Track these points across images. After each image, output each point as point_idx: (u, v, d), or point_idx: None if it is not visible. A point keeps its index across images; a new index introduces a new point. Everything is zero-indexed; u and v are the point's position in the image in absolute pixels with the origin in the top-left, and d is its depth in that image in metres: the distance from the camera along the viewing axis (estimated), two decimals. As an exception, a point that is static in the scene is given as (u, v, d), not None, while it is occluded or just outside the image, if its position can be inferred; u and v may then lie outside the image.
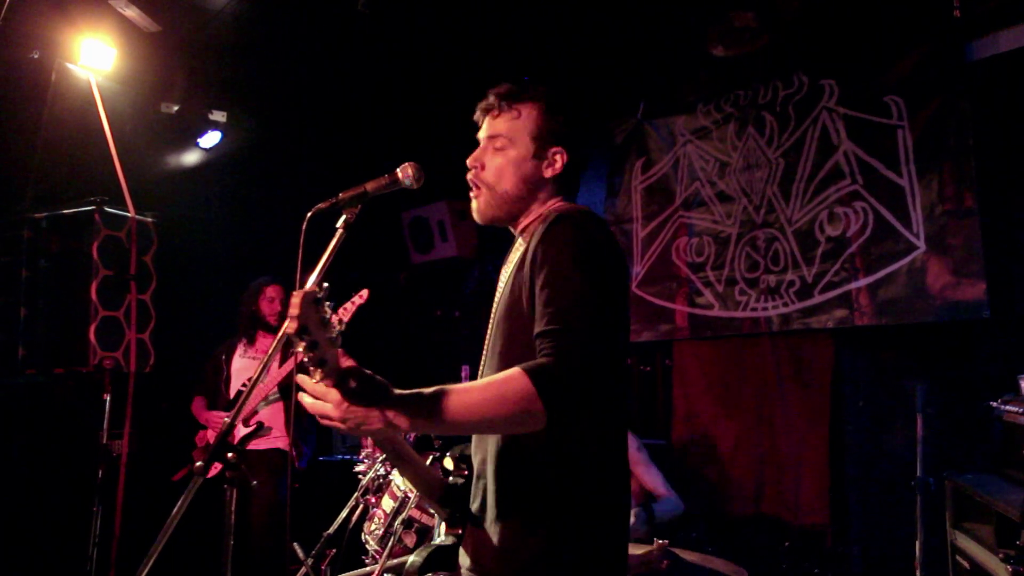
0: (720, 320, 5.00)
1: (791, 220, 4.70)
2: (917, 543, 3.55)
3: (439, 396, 1.62)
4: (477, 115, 2.10)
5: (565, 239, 1.80)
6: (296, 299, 1.46)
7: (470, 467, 2.04)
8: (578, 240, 1.80)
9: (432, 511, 3.52)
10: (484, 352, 2.02)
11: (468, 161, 2.06)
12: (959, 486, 3.22)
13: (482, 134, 2.07)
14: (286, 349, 4.55)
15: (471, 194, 2.08)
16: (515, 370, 1.64)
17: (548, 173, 2.02)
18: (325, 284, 1.60)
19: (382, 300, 4.90)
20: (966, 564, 3.06)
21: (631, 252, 5.47)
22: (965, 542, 3.10)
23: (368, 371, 1.60)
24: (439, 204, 6.31)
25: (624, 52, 5.18)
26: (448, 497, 2.02)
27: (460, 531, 1.96)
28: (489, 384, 1.66)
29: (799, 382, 4.69)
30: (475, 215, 2.08)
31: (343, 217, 1.96)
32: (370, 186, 1.98)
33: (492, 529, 1.87)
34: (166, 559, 2.00)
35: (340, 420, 1.58)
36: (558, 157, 2.02)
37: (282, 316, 4.91)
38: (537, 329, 1.74)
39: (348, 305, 4.49)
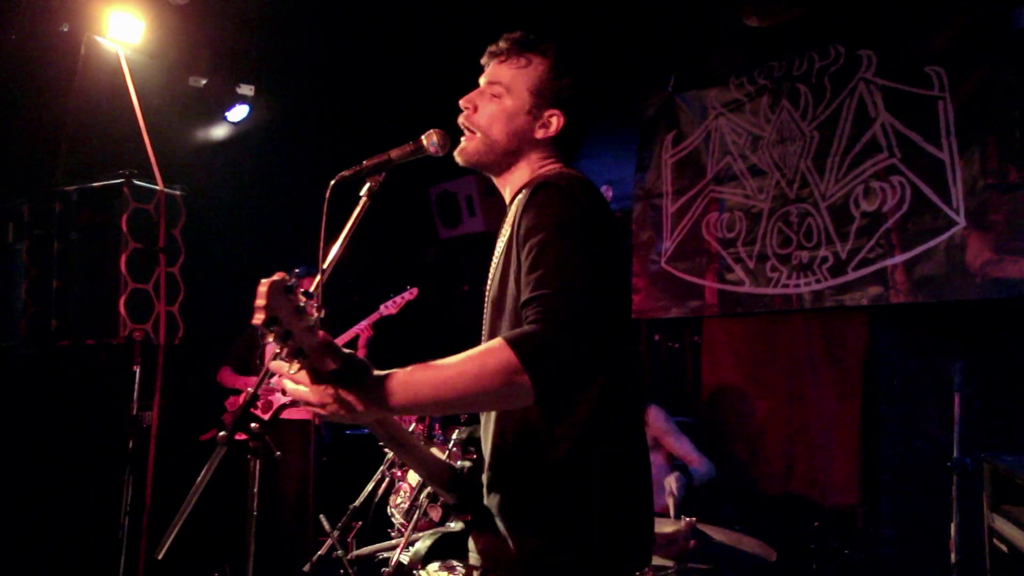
0: (751, 297, 4.92)
1: (825, 195, 4.60)
2: (952, 525, 3.48)
3: (419, 373, 1.52)
4: (484, 58, 2.02)
5: (547, 204, 1.71)
6: (263, 288, 1.39)
7: (479, 450, 1.96)
8: (561, 204, 1.71)
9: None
10: (483, 333, 1.95)
11: (460, 101, 1.98)
12: (998, 468, 3.13)
13: (483, 78, 2.00)
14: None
15: (462, 137, 1.99)
16: (496, 341, 1.53)
17: (540, 134, 1.94)
18: (296, 270, 1.54)
19: (409, 275, 4.91)
20: (1004, 548, 2.99)
21: (660, 227, 5.40)
22: (1004, 525, 3.02)
23: (348, 352, 1.51)
24: (467, 179, 6.27)
25: (655, 23, 5.07)
26: (455, 482, 1.94)
27: (469, 517, 1.90)
28: (468, 357, 1.53)
29: (831, 360, 4.61)
30: (458, 155, 1.99)
31: (367, 185, 1.92)
32: (394, 153, 1.94)
33: (501, 516, 1.80)
34: (195, 529, 2.00)
35: (319, 404, 1.51)
36: (553, 120, 1.93)
37: None
38: (523, 298, 1.64)
39: (398, 299, 4.54)
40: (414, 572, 3.17)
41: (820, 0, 4.55)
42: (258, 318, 1.39)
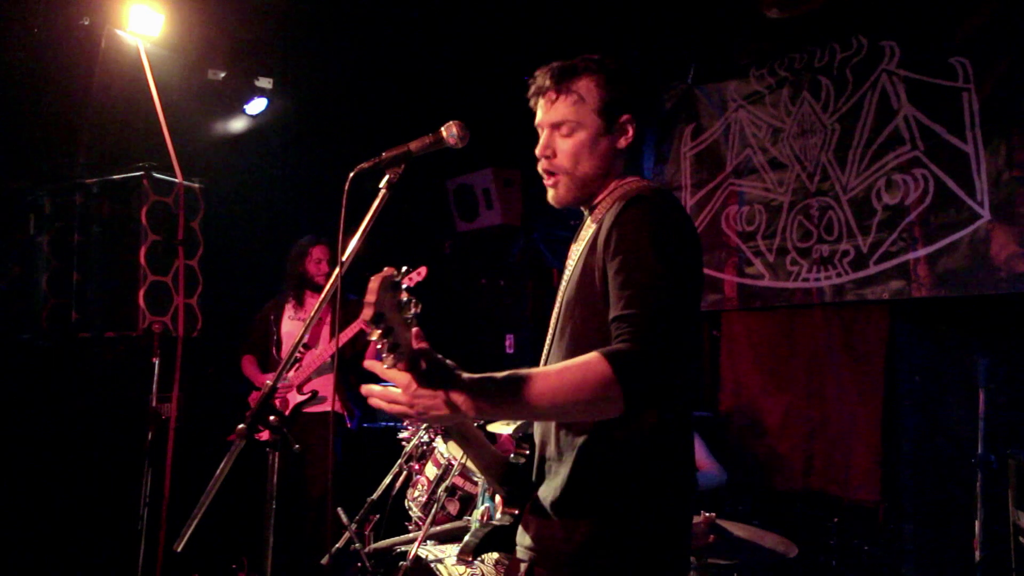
0: (770, 290, 4.89)
1: (846, 188, 4.55)
2: (977, 522, 3.44)
3: (515, 381, 1.56)
4: (532, 100, 1.99)
5: (641, 220, 1.73)
6: (373, 284, 1.42)
7: (532, 446, 1.98)
8: (654, 221, 1.73)
9: (477, 480, 3.51)
10: (549, 335, 1.96)
11: (537, 152, 1.96)
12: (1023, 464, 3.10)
13: (541, 119, 1.96)
14: (336, 313, 4.57)
15: (546, 182, 1.98)
16: (593, 355, 1.57)
17: (622, 144, 1.93)
18: (404, 267, 1.54)
19: (427, 268, 4.89)
20: (1028, 545, 2.96)
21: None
22: (1028, 522, 2.99)
23: (439, 355, 1.54)
24: (484, 172, 6.25)
25: (674, 15, 5.04)
26: (509, 476, 1.97)
27: (517, 511, 1.91)
28: (566, 368, 1.59)
29: (852, 355, 4.57)
30: (553, 201, 1.99)
31: (386, 177, 1.92)
32: (414, 145, 1.93)
33: (555, 511, 1.82)
34: (213, 521, 2.00)
35: (408, 405, 1.53)
36: (629, 126, 1.92)
37: (329, 276, 4.93)
38: (613, 313, 1.68)
39: (405, 280, 4.46)
40: (431, 567, 3.18)
41: (843, -10, 4.50)
42: (367, 314, 1.41)
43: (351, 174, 1.89)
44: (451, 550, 3.27)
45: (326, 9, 5.00)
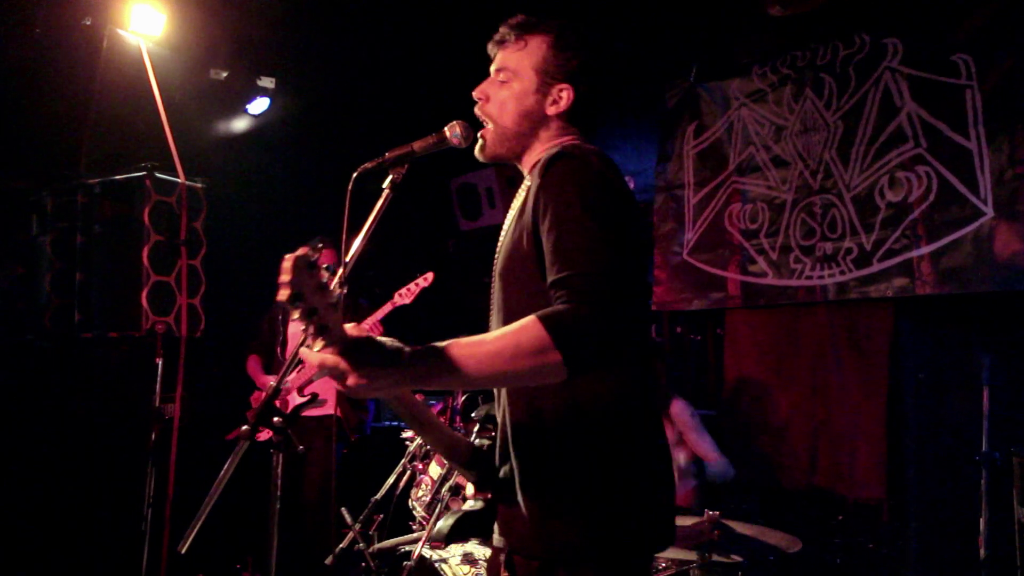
0: (774, 288, 4.88)
1: (850, 185, 4.54)
2: (981, 520, 3.44)
3: (450, 350, 1.51)
4: (490, 47, 2.00)
5: (567, 176, 1.70)
6: (286, 264, 1.38)
7: (496, 427, 1.95)
8: (581, 176, 1.70)
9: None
10: (491, 306, 1.94)
11: (473, 93, 1.98)
12: (1027, 462, 3.10)
13: (492, 66, 1.99)
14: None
15: (480, 131, 1.98)
16: (529, 318, 1.53)
17: (551, 110, 1.92)
18: (320, 245, 1.53)
19: (430, 267, 4.88)
20: (1033, 542, 2.95)
21: (683, 218, 5.36)
22: (1033, 520, 2.98)
23: (377, 339, 1.50)
24: (487, 171, 6.26)
25: (677, 13, 5.03)
26: (475, 460, 1.94)
27: (489, 495, 1.90)
28: (502, 335, 1.55)
29: (856, 352, 4.57)
30: (479, 154, 1.99)
31: (390, 177, 1.91)
32: (417, 145, 1.93)
33: (519, 495, 1.80)
34: (218, 523, 2.00)
35: (345, 372, 1.46)
36: (563, 94, 1.91)
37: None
38: (550, 277, 1.64)
39: (412, 287, 4.46)
40: (435, 566, 3.18)
41: (845, -13, 4.49)
42: (283, 294, 1.38)
43: (355, 174, 1.89)
44: (455, 550, 3.26)
45: (328, 8, 4.99)
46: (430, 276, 4.42)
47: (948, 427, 4.16)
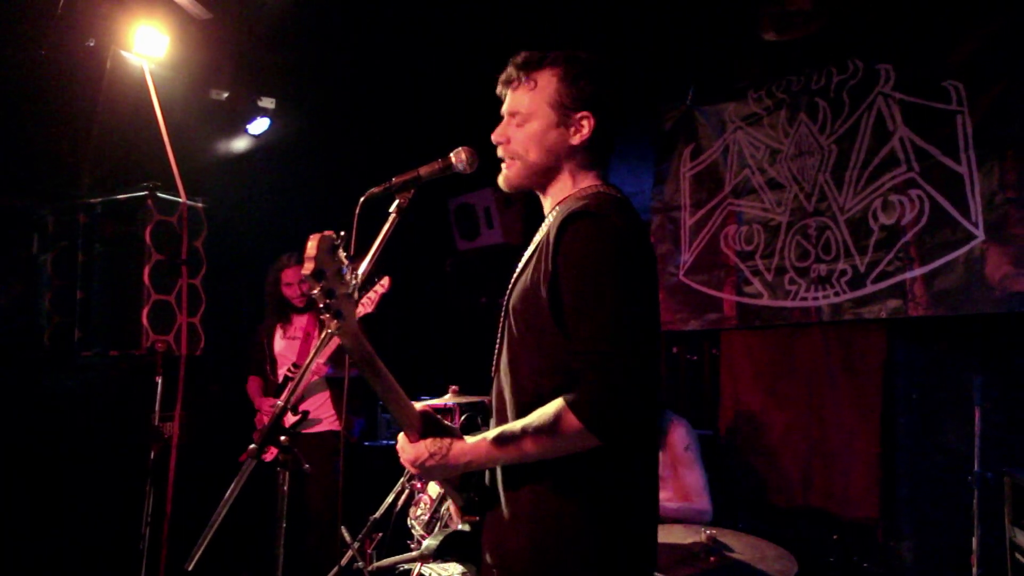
0: (769, 309, 4.93)
1: (843, 208, 4.60)
2: (974, 539, 3.47)
3: (497, 445, 1.74)
4: (499, 88, 2.02)
5: (589, 241, 1.73)
6: (312, 242, 1.45)
7: None
8: (603, 243, 1.73)
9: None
10: (499, 334, 1.97)
11: (493, 137, 2.00)
12: (1020, 482, 3.13)
13: (504, 109, 2.01)
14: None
15: (502, 165, 2.01)
16: (560, 406, 1.67)
17: (576, 140, 1.93)
18: (342, 232, 1.57)
19: (428, 287, 4.92)
20: (1026, 562, 2.99)
21: (679, 240, 5.41)
22: (1025, 540, 3.02)
23: (437, 417, 1.78)
24: (485, 191, 6.30)
25: (674, 37, 5.10)
26: (466, 483, 1.97)
27: (477, 518, 1.93)
28: (539, 428, 1.70)
29: (850, 373, 4.61)
30: (503, 183, 2.02)
31: (396, 202, 1.95)
32: (423, 170, 1.96)
33: (512, 519, 1.83)
34: (219, 541, 2.02)
35: (414, 462, 1.79)
36: (584, 123, 1.92)
37: (305, 296, 4.91)
38: (572, 345, 1.71)
39: (371, 295, 4.42)
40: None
41: (838, 15, 4.57)
42: (307, 268, 1.44)
43: (362, 199, 1.92)
44: (454, 569, 3.28)
45: (328, 30, 5.06)
46: (386, 280, 4.38)
47: (941, 447, 4.20)
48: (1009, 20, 3.99)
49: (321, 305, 1.49)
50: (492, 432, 1.76)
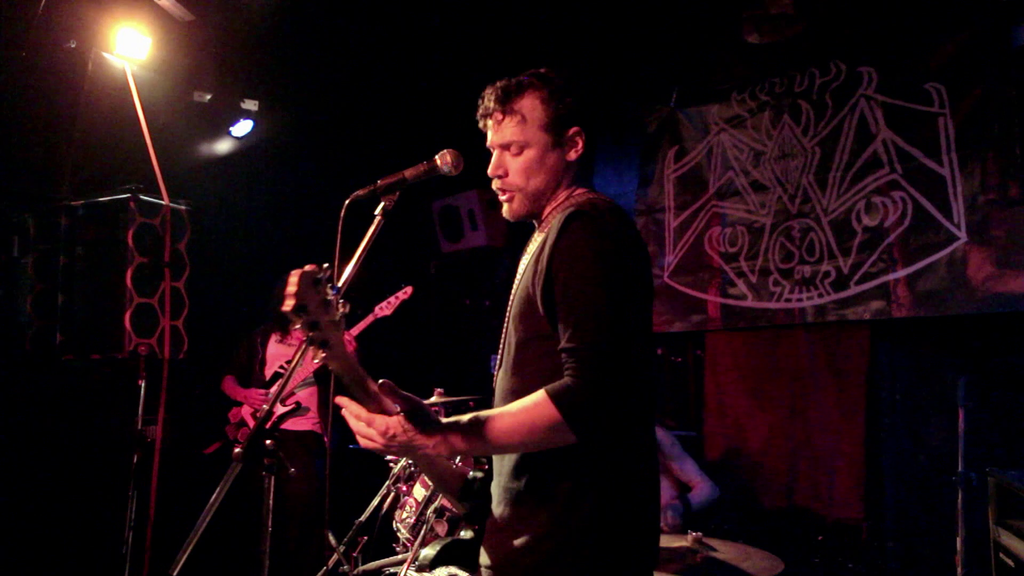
0: (753, 311, 4.94)
1: (827, 210, 4.63)
2: (958, 539, 3.49)
3: (478, 424, 1.69)
4: (480, 122, 2.01)
5: (583, 239, 1.75)
6: (294, 278, 1.47)
7: (490, 461, 2.00)
8: (595, 241, 1.76)
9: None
10: (501, 345, 1.99)
11: (490, 172, 1.99)
12: (1003, 482, 3.15)
13: (491, 140, 1.99)
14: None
15: (501, 198, 2.01)
16: (541, 395, 1.67)
17: (572, 156, 1.96)
18: (325, 265, 1.59)
19: (413, 288, 4.90)
20: (1010, 562, 3.00)
21: (663, 242, 5.42)
22: (1010, 540, 3.03)
23: (418, 403, 1.69)
24: (470, 193, 6.29)
25: (657, 39, 5.12)
26: (466, 492, 1.99)
27: (477, 527, 1.93)
28: (518, 412, 1.70)
29: (834, 374, 4.63)
30: (508, 215, 2.03)
31: (381, 204, 1.95)
32: (408, 173, 1.96)
33: (509, 525, 1.83)
34: (203, 545, 2.01)
35: (384, 441, 1.69)
36: (578, 138, 1.95)
37: None
38: (561, 343, 1.73)
39: (392, 300, 4.48)
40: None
41: (821, 17, 4.60)
42: (288, 304, 1.46)
43: (347, 201, 1.92)
44: (440, 572, 3.27)
45: (311, 32, 5.04)
46: (409, 289, 4.44)
47: (925, 447, 4.23)
48: (987, 23, 4.03)
49: (305, 339, 1.54)
50: (473, 413, 1.74)
